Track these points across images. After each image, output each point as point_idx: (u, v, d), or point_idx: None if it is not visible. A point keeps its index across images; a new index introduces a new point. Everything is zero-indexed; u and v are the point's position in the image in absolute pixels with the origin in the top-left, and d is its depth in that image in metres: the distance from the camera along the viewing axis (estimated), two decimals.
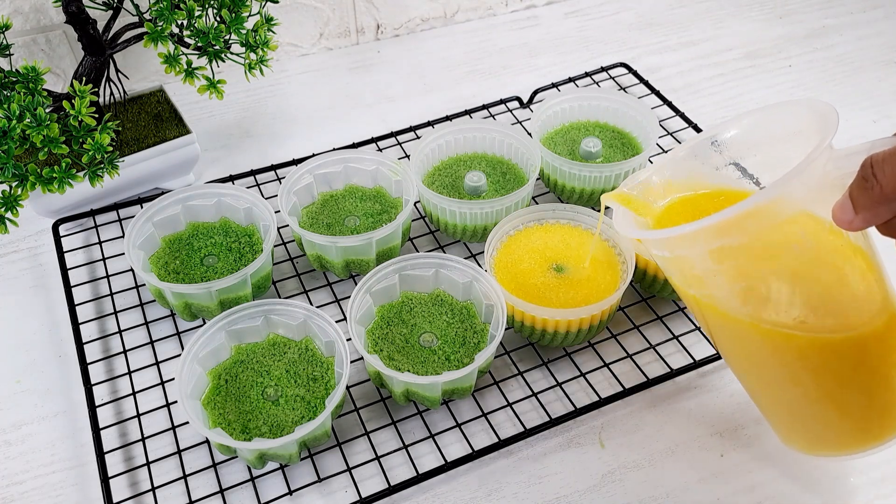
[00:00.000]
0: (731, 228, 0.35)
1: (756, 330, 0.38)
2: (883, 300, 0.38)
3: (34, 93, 0.51)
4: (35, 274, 0.62)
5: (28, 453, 0.51)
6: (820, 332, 0.37)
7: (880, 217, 0.31)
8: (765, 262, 0.37)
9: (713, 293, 0.38)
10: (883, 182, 0.30)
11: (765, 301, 0.37)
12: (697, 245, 0.37)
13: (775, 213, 0.35)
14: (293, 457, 0.48)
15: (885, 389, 0.39)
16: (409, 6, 0.86)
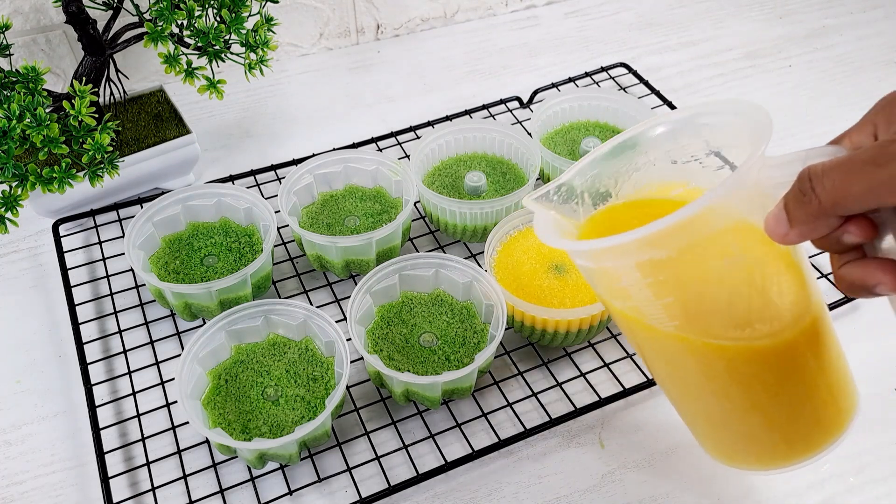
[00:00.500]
0: (660, 241, 0.33)
1: (683, 342, 0.37)
2: (807, 304, 0.37)
3: (34, 93, 0.51)
4: (35, 274, 0.62)
5: (28, 453, 0.51)
6: (748, 340, 0.36)
7: (817, 231, 0.30)
8: (694, 275, 0.35)
9: (639, 306, 0.37)
10: (822, 196, 0.28)
11: (693, 314, 0.36)
12: (624, 258, 0.35)
13: (706, 224, 0.33)
14: (293, 457, 0.48)
15: (812, 401, 0.38)
16: (409, 6, 0.86)
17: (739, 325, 0.36)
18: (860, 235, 0.29)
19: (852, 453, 0.50)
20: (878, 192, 0.27)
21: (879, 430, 0.51)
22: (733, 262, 0.35)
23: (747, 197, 0.33)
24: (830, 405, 0.38)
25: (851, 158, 0.28)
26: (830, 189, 0.28)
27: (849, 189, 0.28)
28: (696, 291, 0.35)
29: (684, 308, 0.35)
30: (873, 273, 0.29)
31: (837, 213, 0.29)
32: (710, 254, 0.34)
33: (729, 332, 0.36)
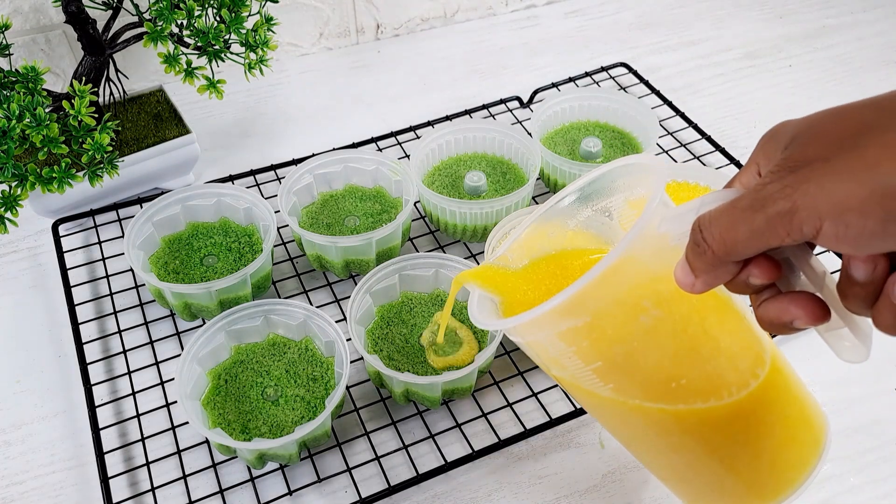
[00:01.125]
0: (570, 310, 0.33)
1: (625, 407, 0.36)
2: (756, 355, 0.36)
3: (34, 93, 0.51)
4: (35, 274, 0.62)
5: (28, 453, 0.51)
6: (691, 403, 0.35)
7: (720, 278, 0.30)
8: (617, 336, 0.34)
9: (574, 373, 0.36)
10: (714, 246, 0.28)
11: (626, 375, 0.35)
12: (543, 330, 0.35)
13: (613, 286, 0.33)
14: (293, 457, 0.48)
15: (772, 449, 0.37)
16: (409, 6, 0.86)
17: (675, 389, 0.35)
18: (763, 276, 0.29)
19: (853, 453, 0.50)
20: (761, 237, 0.27)
21: (880, 431, 0.51)
22: (652, 319, 0.34)
23: (654, 251, 0.33)
24: (797, 445, 0.38)
25: (733, 205, 0.28)
26: (719, 237, 0.28)
27: (735, 236, 0.28)
28: (622, 352, 0.35)
29: (615, 370, 0.35)
30: (787, 309, 0.29)
31: (731, 259, 0.29)
32: (626, 313, 0.34)
33: (668, 395, 0.35)
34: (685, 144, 0.72)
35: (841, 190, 0.24)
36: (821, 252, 0.61)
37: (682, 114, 0.74)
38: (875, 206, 0.24)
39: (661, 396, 0.35)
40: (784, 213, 0.26)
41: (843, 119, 0.27)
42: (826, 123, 0.27)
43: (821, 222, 0.25)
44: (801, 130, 0.28)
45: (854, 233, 0.24)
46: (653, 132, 0.64)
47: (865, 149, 0.25)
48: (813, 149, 0.26)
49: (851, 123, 0.26)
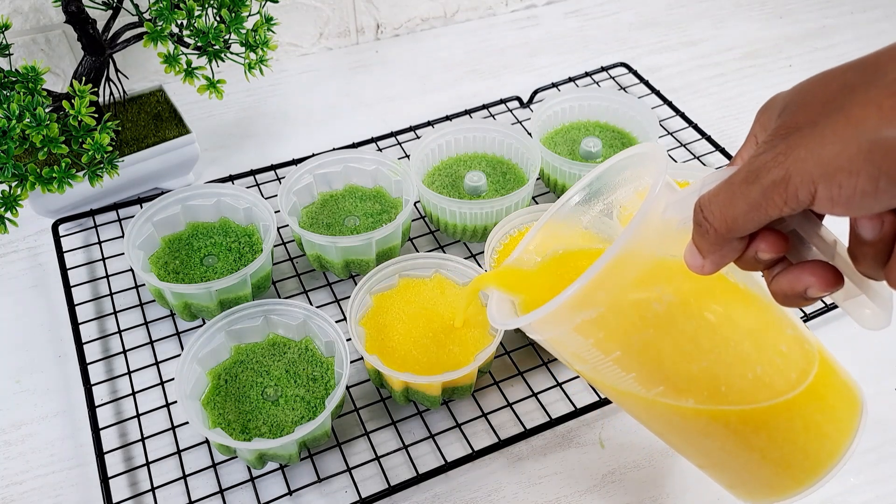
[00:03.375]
0: (581, 303, 0.33)
1: (648, 397, 0.36)
2: (802, 351, 0.35)
3: (34, 92, 0.51)
4: (35, 274, 0.62)
5: (28, 453, 0.51)
6: (718, 402, 0.35)
7: (728, 257, 0.30)
8: (633, 325, 0.34)
9: (595, 366, 0.36)
10: (715, 224, 0.29)
11: (645, 366, 0.35)
12: (558, 327, 0.35)
13: (621, 274, 0.32)
14: (293, 457, 0.48)
15: (809, 433, 0.37)
16: (408, 6, 0.86)
17: (702, 371, 0.34)
18: (771, 250, 0.29)
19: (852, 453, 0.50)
20: (760, 209, 0.27)
21: (880, 431, 0.51)
22: (667, 304, 0.34)
23: (661, 236, 0.33)
24: (830, 429, 0.37)
25: (729, 181, 0.28)
26: (719, 215, 0.28)
27: (734, 212, 0.28)
28: (640, 341, 0.34)
29: (635, 359, 0.35)
30: (799, 278, 0.29)
31: (735, 237, 0.29)
32: (638, 301, 0.34)
33: (690, 382, 0.35)
34: (685, 144, 0.72)
35: (829, 151, 0.24)
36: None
37: (682, 114, 0.74)
38: (863, 162, 0.24)
39: (684, 383, 0.35)
40: (778, 181, 0.26)
41: (828, 83, 0.27)
42: (814, 89, 0.27)
43: (814, 186, 0.25)
44: (791, 98, 0.28)
45: (847, 193, 0.24)
46: (653, 132, 0.64)
47: (850, 108, 0.24)
48: (802, 115, 0.26)
49: (836, 86, 0.26)
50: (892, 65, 0.25)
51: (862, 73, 0.25)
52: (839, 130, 0.24)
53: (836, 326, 0.57)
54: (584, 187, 0.42)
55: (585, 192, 0.42)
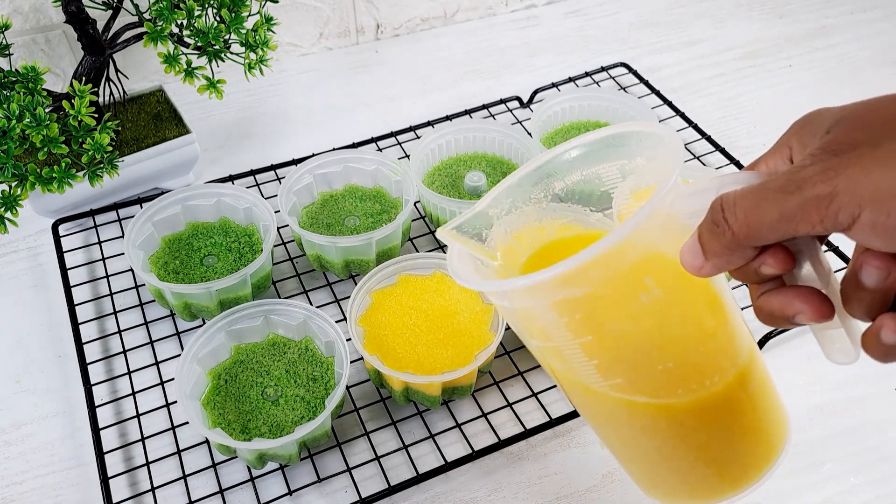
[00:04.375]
0: (574, 279, 0.31)
1: (598, 394, 0.35)
2: (735, 352, 0.35)
3: (34, 92, 0.51)
4: (35, 274, 0.62)
5: (28, 453, 0.51)
6: (670, 397, 0.34)
7: (732, 263, 0.28)
8: (613, 312, 0.33)
9: (558, 345, 0.35)
10: (735, 227, 0.27)
11: (611, 355, 0.34)
12: (538, 298, 0.33)
13: (620, 259, 0.31)
14: (293, 457, 0.48)
15: (745, 438, 0.37)
16: (408, 6, 0.86)
17: (667, 370, 0.34)
18: (777, 266, 0.27)
19: (852, 454, 0.50)
20: (791, 221, 0.25)
21: (880, 431, 0.51)
22: (651, 298, 0.33)
23: (662, 228, 0.32)
24: (764, 438, 0.37)
25: (763, 186, 0.26)
26: (743, 219, 0.27)
27: (761, 218, 0.26)
28: (615, 329, 0.33)
29: (604, 347, 0.34)
30: (791, 302, 0.28)
31: (752, 244, 0.27)
32: (627, 289, 0.33)
33: (653, 378, 0.34)
34: (685, 144, 0.72)
35: (888, 176, 0.23)
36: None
37: (682, 114, 0.74)
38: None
39: (646, 379, 0.34)
40: (822, 196, 0.24)
41: (891, 104, 0.25)
42: (876, 107, 0.26)
43: (860, 210, 0.24)
44: (846, 115, 0.27)
45: (894, 223, 0.23)
46: None
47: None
48: (860, 133, 0.25)
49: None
50: None
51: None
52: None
53: None
54: (579, 146, 0.40)
55: (578, 153, 0.40)
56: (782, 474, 0.49)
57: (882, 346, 0.26)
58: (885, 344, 0.26)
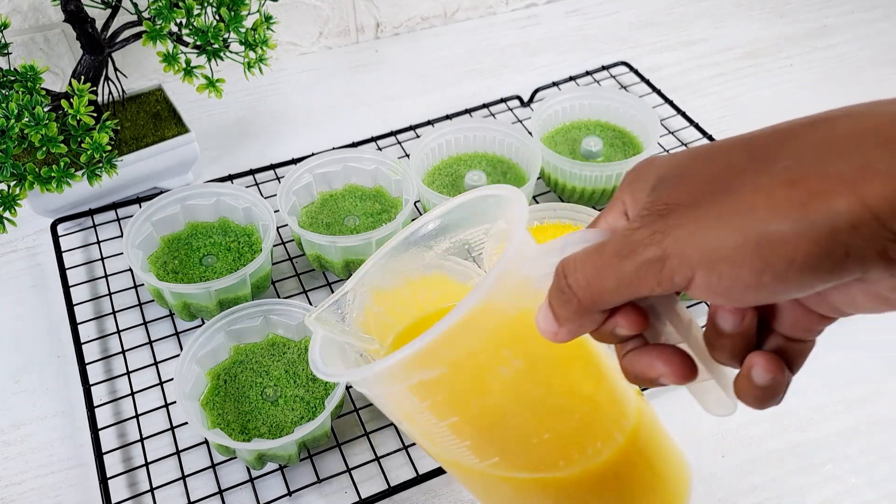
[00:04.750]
0: (422, 362, 0.29)
1: (482, 474, 0.34)
2: (621, 409, 0.34)
3: (32, 92, 0.51)
4: (33, 274, 0.62)
5: (26, 453, 0.51)
6: (554, 465, 0.32)
7: (586, 327, 0.27)
8: (473, 390, 0.31)
9: (425, 430, 0.33)
10: (579, 294, 0.26)
11: (483, 434, 0.32)
12: (392, 384, 0.31)
13: (471, 334, 0.29)
14: (292, 457, 0.48)
15: (644, 499, 0.35)
16: (409, 5, 0.86)
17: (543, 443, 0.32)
18: (630, 328, 0.26)
19: (853, 454, 0.50)
20: (630, 286, 0.25)
21: (881, 431, 0.51)
22: (512, 370, 0.31)
23: (515, 292, 0.30)
24: (664, 494, 0.36)
25: (599, 250, 0.26)
26: (585, 285, 0.26)
27: (602, 284, 0.25)
28: (480, 406, 0.32)
29: (473, 426, 0.32)
30: (653, 364, 0.27)
31: (598, 309, 0.26)
32: (484, 364, 0.31)
33: (529, 453, 0.32)
34: (686, 144, 0.72)
35: (713, 237, 0.23)
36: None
37: (684, 113, 0.74)
38: (750, 254, 0.22)
39: (522, 454, 0.33)
40: (654, 261, 0.24)
41: (712, 160, 0.25)
42: (695, 164, 0.25)
43: (692, 272, 0.23)
44: (669, 171, 0.26)
45: (727, 283, 0.23)
46: (654, 131, 0.64)
47: (738, 193, 0.23)
48: (682, 191, 0.25)
49: (721, 165, 0.24)
50: (782, 152, 0.23)
51: (750, 157, 0.24)
52: (724, 215, 0.23)
53: (838, 325, 0.57)
54: (435, 219, 0.38)
55: (436, 224, 0.38)
56: (783, 475, 0.49)
57: (755, 388, 0.25)
58: (759, 385, 0.25)
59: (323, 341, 0.36)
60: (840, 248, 0.21)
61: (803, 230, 0.21)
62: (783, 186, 0.22)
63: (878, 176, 0.21)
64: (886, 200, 0.21)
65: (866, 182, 0.21)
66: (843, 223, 0.21)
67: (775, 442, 0.50)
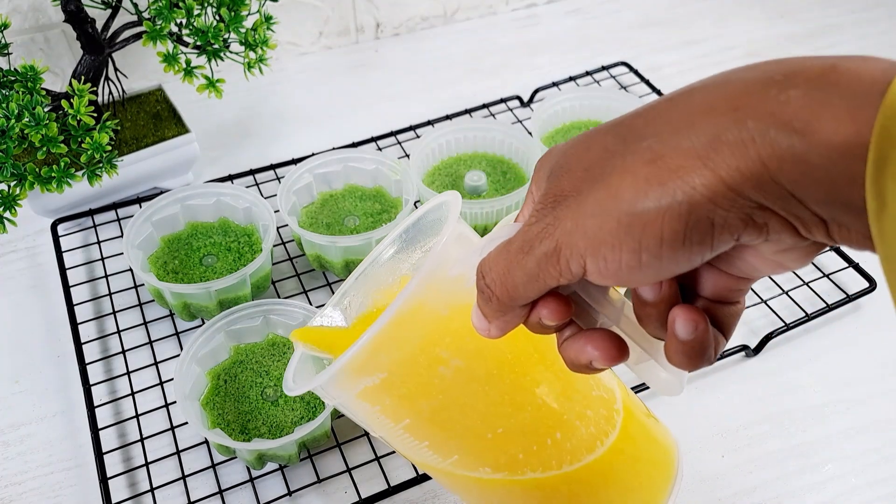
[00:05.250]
0: (359, 370, 0.30)
1: (450, 474, 0.34)
2: (608, 415, 0.33)
3: (33, 92, 0.51)
4: (33, 274, 0.62)
5: (26, 454, 0.51)
6: (521, 473, 0.32)
7: (513, 322, 0.28)
8: (418, 392, 0.31)
9: (386, 434, 0.33)
10: (496, 291, 0.27)
11: (438, 433, 0.32)
12: (339, 394, 0.32)
13: (403, 338, 0.30)
14: (293, 457, 0.48)
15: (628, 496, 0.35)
16: (409, 5, 0.86)
17: (497, 437, 0.32)
18: (552, 317, 0.27)
19: (854, 454, 0.50)
20: (537, 279, 0.25)
21: (881, 431, 0.51)
22: (455, 368, 0.31)
23: (450, 294, 0.30)
24: (646, 489, 0.35)
25: (506, 247, 0.26)
26: (500, 282, 0.26)
27: (513, 280, 0.26)
28: (428, 407, 0.32)
29: (426, 426, 0.32)
30: (583, 349, 0.27)
31: (517, 304, 0.27)
32: (423, 365, 0.31)
33: (484, 449, 0.32)
34: None
35: (593, 224, 0.23)
36: None
37: None
38: (624, 236, 0.22)
39: (478, 451, 0.33)
40: (550, 253, 0.24)
41: (590, 147, 0.25)
42: (578, 152, 0.26)
43: (583, 259, 0.24)
44: (558, 161, 0.26)
45: (613, 267, 0.23)
46: None
47: (609, 177, 0.23)
48: (567, 182, 0.25)
49: (597, 151, 0.25)
50: (649, 129, 0.23)
51: (620, 139, 0.24)
52: (601, 201, 0.23)
53: (839, 327, 0.57)
54: (395, 240, 0.39)
55: (398, 246, 0.39)
56: (783, 475, 0.49)
57: (681, 343, 0.25)
58: (683, 339, 0.25)
59: (301, 358, 0.37)
60: (703, 221, 0.22)
61: (665, 207, 0.22)
62: (645, 166, 0.22)
63: (726, 146, 0.21)
64: (738, 171, 0.21)
65: (717, 154, 0.21)
66: (700, 197, 0.21)
67: (775, 442, 0.50)
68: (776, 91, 0.21)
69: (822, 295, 0.58)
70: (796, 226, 0.22)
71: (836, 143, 0.20)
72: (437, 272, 0.30)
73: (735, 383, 0.54)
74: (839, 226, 0.21)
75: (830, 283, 0.59)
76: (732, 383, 0.54)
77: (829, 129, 0.20)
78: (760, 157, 0.21)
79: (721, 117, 0.22)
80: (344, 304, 0.40)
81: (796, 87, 0.21)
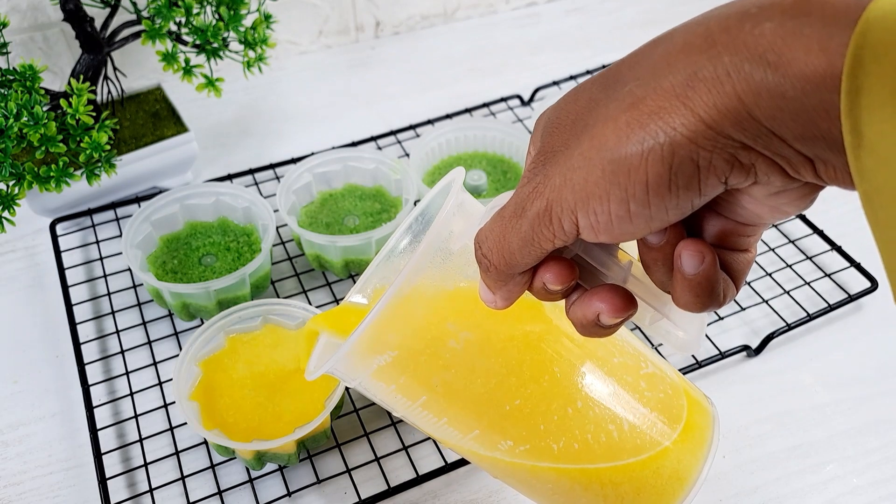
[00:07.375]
0: (368, 349, 0.30)
1: (466, 441, 0.33)
2: (668, 396, 0.33)
3: (31, 91, 0.51)
4: (32, 273, 0.62)
5: (25, 454, 0.51)
6: (546, 446, 0.32)
7: (517, 291, 0.27)
8: (431, 367, 0.31)
9: (405, 413, 0.33)
10: (494, 261, 0.26)
11: (455, 409, 0.32)
12: (355, 375, 0.31)
13: (407, 315, 0.30)
14: (292, 458, 0.47)
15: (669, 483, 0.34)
16: (408, 3, 0.86)
17: (515, 409, 0.32)
18: (558, 281, 0.26)
19: (855, 454, 0.50)
20: (533, 243, 0.25)
21: (882, 431, 0.51)
22: (465, 341, 0.31)
23: (454, 268, 0.30)
24: (691, 462, 0.35)
25: (501, 214, 0.26)
26: (496, 252, 0.26)
27: (508, 247, 0.25)
28: (443, 382, 0.31)
29: (442, 402, 0.32)
30: (589, 304, 0.26)
31: (516, 272, 0.26)
32: (433, 340, 0.31)
33: (503, 420, 0.32)
34: None
35: (580, 177, 0.23)
36: None
37: None
38: (610, 185, 0.22)
39: (498, 424, 0.32)
40: (541, 213, 0.24)
41: (577, 99, 0.25)
42: (567, 107, 0.25)
43: (574, 215, 0.23)
44: (549, 118, 0.26)
45: (604, 220, 0.23)
46: None
47: (594, 127, 0.23)
48: (556, 137, 0.24)
49: (583, 102, 0.24)
50: (631, 73, 0.23)
51: (604, 87, 0.24)
52: (585, 153, 0.23)
53: (840, 327, 0.57)
54: (407, 230, 0.39)
55: (410, 234, 0.39)
56: (785, 475, 0.49)
57: (687, 281, 0.24)
58: (690, 274, 0.24)
59: (326, 344, 0.37)
60: (687, 163, 0.21)
61: (647, 151, 0.21)
62: (626, 110, 0.22)
63: (703, 84, 0.20)
64: (715, 108, 0.20)
65: (694, 92, 0.21)
66: (681, 138, 0.21)
67: (777, 442, 0.50)
68: (751, 24, 0.20)
69: (824, 295, 0.58)
70: (783, 166, 0.21)
71: (808, 74, 0.19)
72: (436, 248, 0.29)
73: (736, 383, 0.54)
74: (825, 164, 0.21)
75: (832, 283, 0.59)
76: (734, 383, 0.54)
77: (801, 60, 0.19)
78: (736, 93, 0.20)
79: (698, 55, 0.21)
80: (367, 291, 0.40)
81: (770, 18, 0.20)
